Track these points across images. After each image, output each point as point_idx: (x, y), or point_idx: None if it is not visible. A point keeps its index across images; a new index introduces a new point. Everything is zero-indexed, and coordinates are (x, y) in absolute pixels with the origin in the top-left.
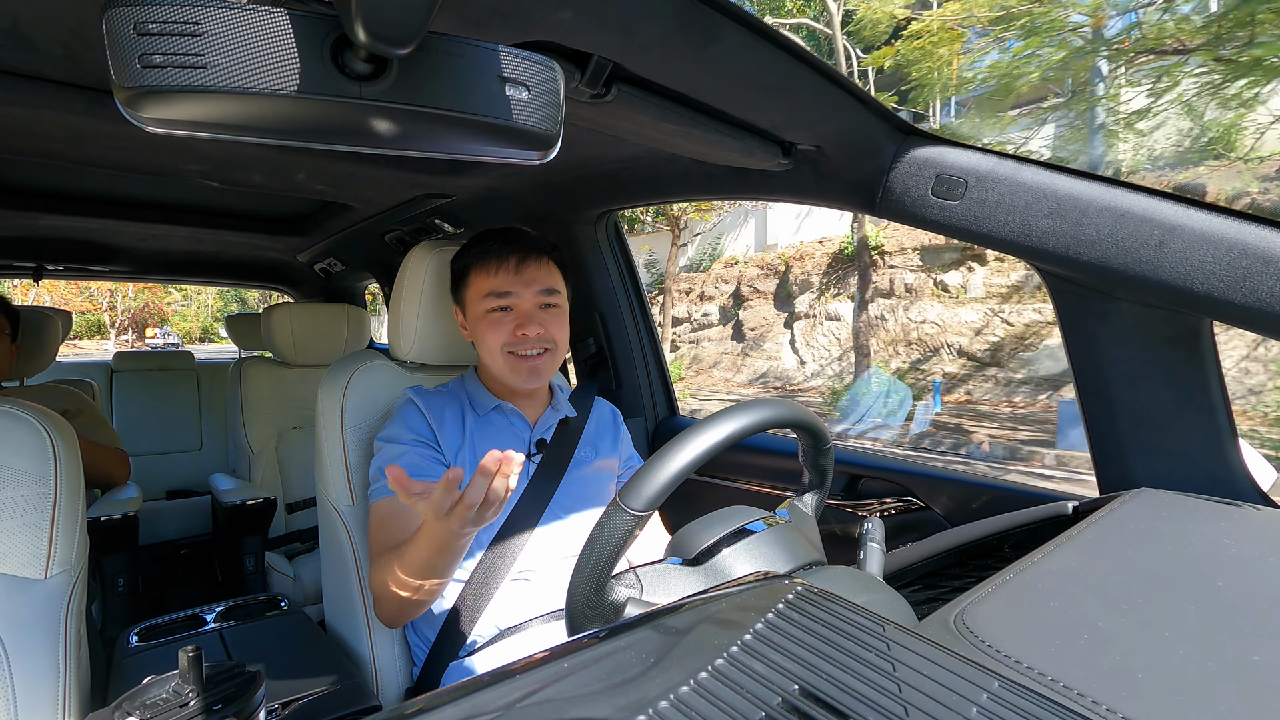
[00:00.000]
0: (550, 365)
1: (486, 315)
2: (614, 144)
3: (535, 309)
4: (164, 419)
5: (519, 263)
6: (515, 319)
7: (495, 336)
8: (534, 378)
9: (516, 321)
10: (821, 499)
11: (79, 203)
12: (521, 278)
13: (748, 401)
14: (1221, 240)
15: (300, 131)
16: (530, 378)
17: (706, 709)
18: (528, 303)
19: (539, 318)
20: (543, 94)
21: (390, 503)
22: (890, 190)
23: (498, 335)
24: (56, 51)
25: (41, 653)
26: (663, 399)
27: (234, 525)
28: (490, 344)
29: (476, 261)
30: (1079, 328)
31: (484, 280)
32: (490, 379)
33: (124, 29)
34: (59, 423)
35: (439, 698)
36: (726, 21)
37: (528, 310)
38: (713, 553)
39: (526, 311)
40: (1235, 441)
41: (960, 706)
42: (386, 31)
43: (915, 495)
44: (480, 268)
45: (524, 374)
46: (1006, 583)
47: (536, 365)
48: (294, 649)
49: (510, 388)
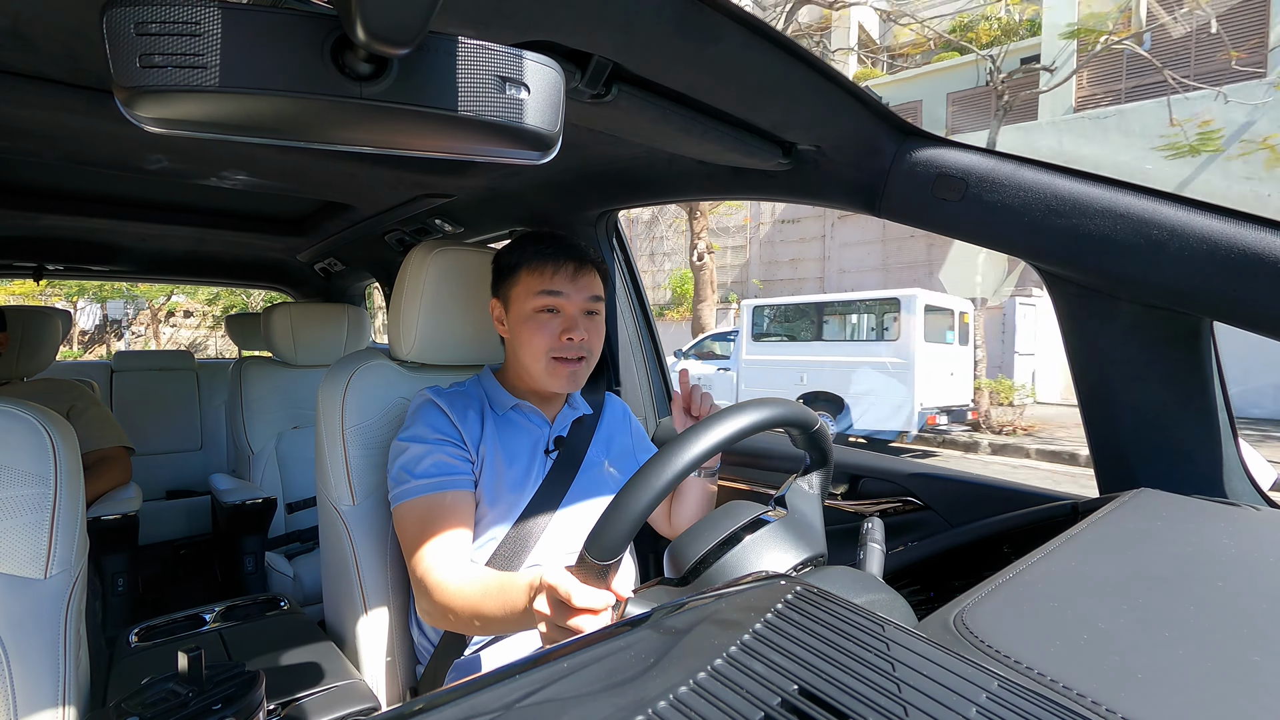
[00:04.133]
0: (585, 374)
1: (534, 315)
2: (614, 144)
3: (581, 315)
4: (164, 419)
5: (576, 269)
6: (562, 323)
7: (541, 339)
8: (571, 383)
9: (563, 325)
10: (826, 476)
11: (79, 203)
12: (575, 283)
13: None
14: (1221, 240)
15: (300, 131)
16: (568, 383)
17: (706, 709)
18: (576, 307)
19: (584, 324)
20: (543, 94)
21: (430, 500)
22: (891, 190)
23: (544, 338)
24: (56, 51)
25: (41, 652)
26: (663, 399)
27: (234, 525)
28: (535, 346)
29: (531, 260)
30: (1079, 328)
31: (536, 279)
32: (515, 379)
33: (124, 29)
34: (59, 422)
35: (439, 698)
36: (727, 22)
37: (574, 315)
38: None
39: (573, 316)
40: (1235, 441)
41: (960, 706)
42: (387, 32)
43: (915, 495)
44: (534, 267)
45: (563, 379)
46: (1006, 583)
47: (575, 371)
48: (294, 649)
49: (540, 391)
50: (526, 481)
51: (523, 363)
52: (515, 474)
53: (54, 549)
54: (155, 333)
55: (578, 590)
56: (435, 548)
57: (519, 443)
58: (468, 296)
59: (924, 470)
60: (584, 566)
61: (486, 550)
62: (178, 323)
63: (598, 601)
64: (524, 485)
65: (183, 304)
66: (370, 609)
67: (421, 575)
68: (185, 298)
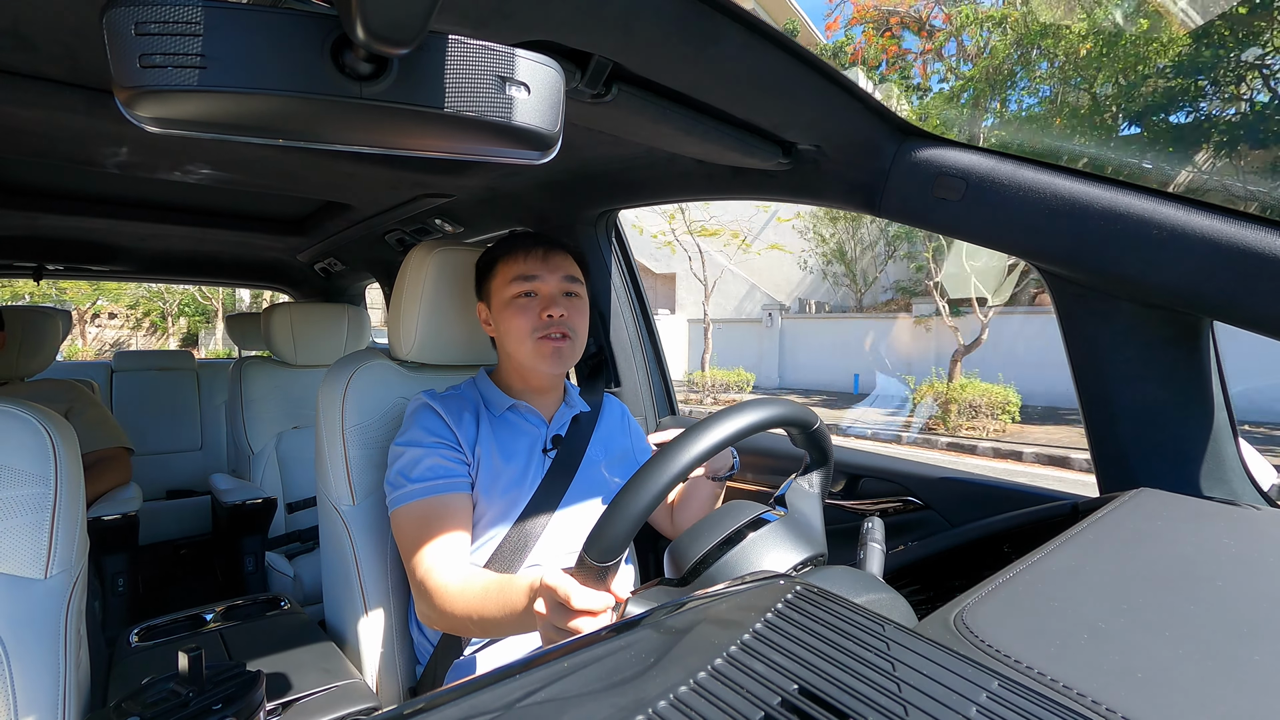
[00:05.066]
0: (572, 353)
1: (513, 301)
2: (614, 144)
3: (559, 294)
4: (164, 418)
5: (545, 251)
6: (540, 303)
7: (524, 321)
8: (558, 361)
9: (541, 305)
10: (827, 475)
11: (79, 203)
12: (548, 264)
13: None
14: (1221, 240)
15: (300, 131)
16: (555, 361)
17: (706, 709)
18: (552, 287)
19: (563, 303)
20: (543, 94)
21: (427, 504)
22: (891, 190)
23: (526, 320)
24: (56, 51)
25: (41, 652)
26: (663, 399)
27: (234, 525)
28: (518, 330)
29: (503, 253)
30: (1079, 328)
31: (511, 266)
32: (509, 377)
33: (124, 29)
34: (59, 422)
35: (439, 698)
36: (727, 21)
37: (552, 294)
38: (705, 565)
39: (551, 295)
40: (1235, 441)
41: (960, 706)
42: (387, 31)
43: (915, 495)
44: (508, 257)
45: (549, 358)
46: (1006, 583)
47: (561, 348)
48: (294, 649)
49: (530, 381)
50: (524, 481)
51: (510, 351)
52: (513, 474)
53: (54, 549)
54: (83, 332)
55: (577, 592)
56: (433, 551)
57: (516, 443)
58: (468, 296)
59: (924, 470)
60: (583, 568)
61: (486, 550)
62: (103, 323)
63: (597, 603)
64: (522, 485)
65: (107, 306)
66: (370, 609)
67: (421, 579)
68: (108, 301)
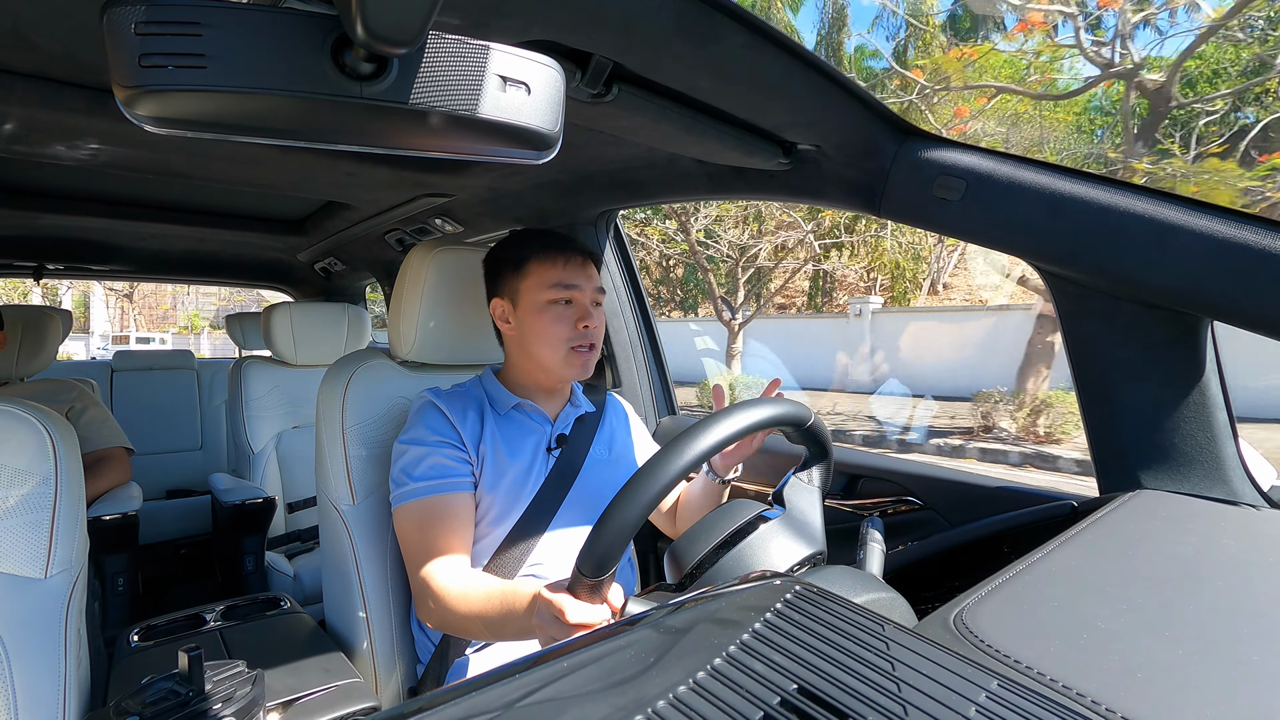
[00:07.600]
0: (594, 362)
1: (549, 307)
2: (614, 144)
3: (591, 305)
4: (164, 418)
5: (583, 261)
6: (576, 312)
7: (560, 329)
8: (585, 371)
9: (577, 315)
10: (826, 470)
11: (79, 202)
12: (585, 273)
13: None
14: (1221, 240)
15: (300, 131)
16: (583, 371)
17: (705, 708)
18: (587, 297)
19: (595, 314)
20: (543, 94)
21: (428, 503)
22: (891, 190)
23: (562, 328)
24: (56, 51)
25: (41, 652)
26: (662, 399)
27: (234, 525)
28: (554, 337)
29: (539, 254)
30: (1079, 328)
31: (549, 271)
32: (520, 376)
33: (124, 28)
34: (59, 422)
35: (439, 698)
36: (727, 21)
37: (586, 305)
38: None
39: (585, 306)
40: (1235, 441)
41: (959, 706)
42: (387, 31)
43: (915, 495)
44: (543, 259)
45: (579, 368)
46: (1006, 583)
47: (588, 359)
48: (294, 649)
49: (545, 383)
50: (528, 480)
51: (536, 355)
52: (517, 472)
53: (54, 549)
54: None
55: (571, 607)
56: (435, 552)
57: (521, 442)
58: (468, 296)
59: (924, 470)
60: (578, 583)
61: (489, 547)
62: None
63: (592, 617)
64: (526, 483)
65: None
66: (370, 609)
67: (423, 580)
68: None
